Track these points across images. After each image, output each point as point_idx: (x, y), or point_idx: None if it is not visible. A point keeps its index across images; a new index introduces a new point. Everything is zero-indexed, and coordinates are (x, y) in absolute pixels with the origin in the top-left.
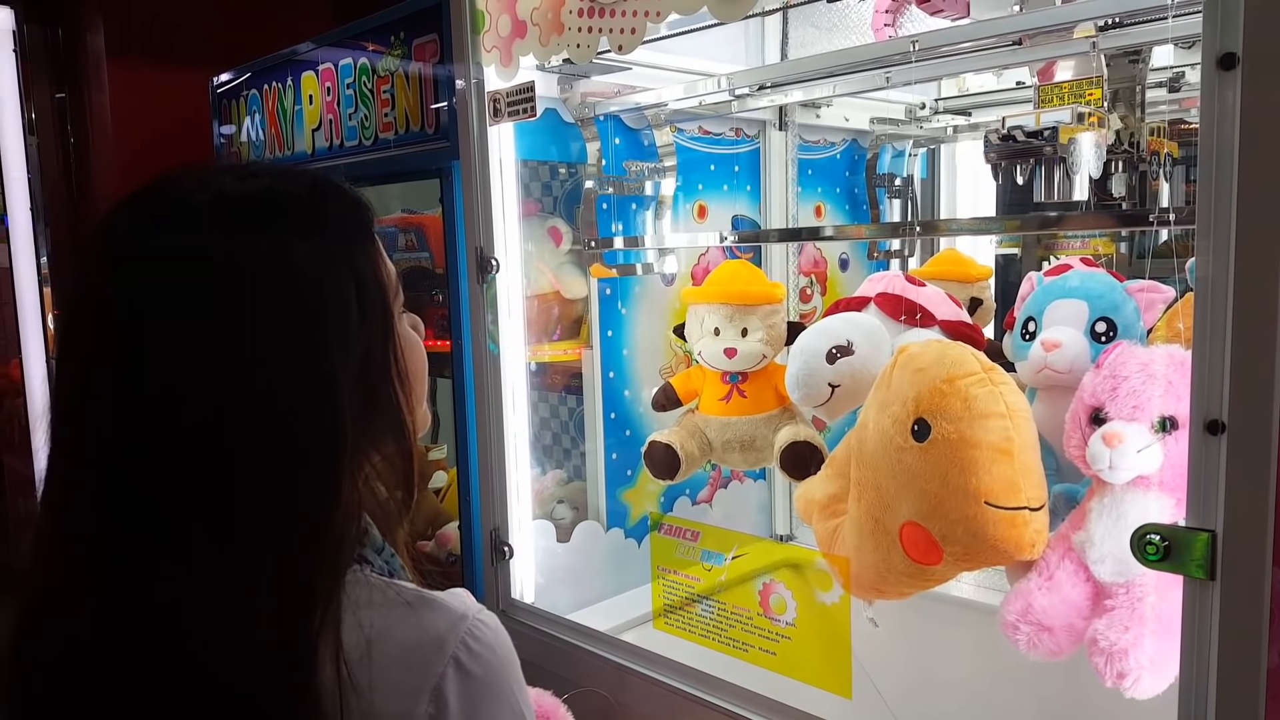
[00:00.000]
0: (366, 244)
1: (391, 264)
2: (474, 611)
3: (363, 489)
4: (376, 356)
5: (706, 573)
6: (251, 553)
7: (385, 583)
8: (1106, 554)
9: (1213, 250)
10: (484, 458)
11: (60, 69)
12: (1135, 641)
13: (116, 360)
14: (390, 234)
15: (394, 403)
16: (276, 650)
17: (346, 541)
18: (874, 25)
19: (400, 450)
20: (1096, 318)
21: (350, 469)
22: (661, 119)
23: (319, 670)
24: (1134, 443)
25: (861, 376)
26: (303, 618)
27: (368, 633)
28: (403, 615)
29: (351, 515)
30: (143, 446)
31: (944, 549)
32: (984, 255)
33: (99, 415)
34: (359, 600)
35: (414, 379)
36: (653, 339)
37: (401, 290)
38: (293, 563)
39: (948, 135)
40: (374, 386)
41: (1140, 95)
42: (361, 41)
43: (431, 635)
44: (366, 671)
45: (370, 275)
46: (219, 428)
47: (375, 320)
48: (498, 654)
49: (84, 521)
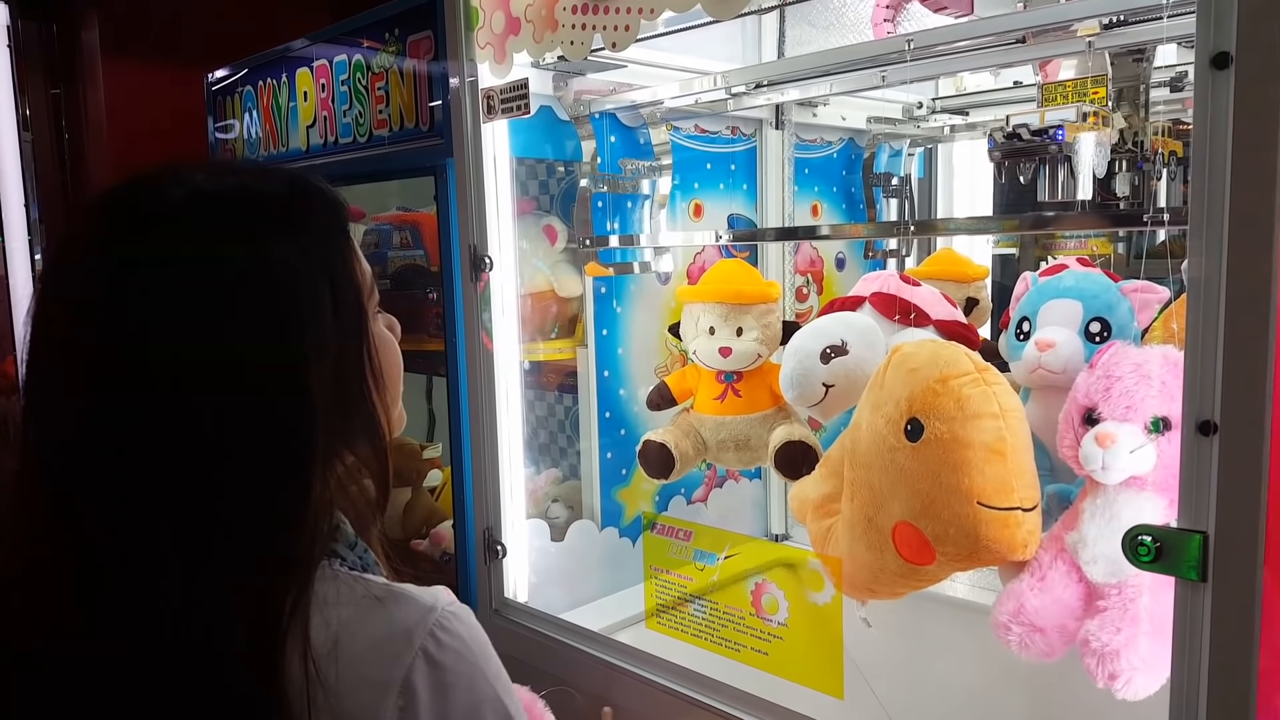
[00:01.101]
0: (342, 244)
1: (367, 264)
2: (443, 604)
3: (335, 487)
4: (351, 356)
5: (699, 572)
6: (220, 549)
7: (354, 578)
8: (1099, 555)
9: (1205, 250)
10: (477, 457)
11: (55, 65)
12: (1127, 642)
13: (90, 359)
14: (385, 231)
15: (368, 402)
16: (244, 647)
17: (317, 539)
18: (873, 21)
19: (374, 450)
20: (1091, 318)
21: (323, 468)
22: (657, 117)
23: (286, 667)
24: (1127, 443)
25: (856, 376)
26: (271, 614)
27: (335, 629)
28: (370, 609)
29: (323, 513)
30: (114, 443)
31: (936, 549)
32: (981, 255)
33: (69, 412)
34: (327, 597)
35: (388, 379)
36: (648, 338)
37: (376, 290)
38: (262, 559)
39: (945, 135)
40: (348, 386)
41: (1144, 94)
42: (357, 38)
43: (400, 628)
44: (334, 667)
45: (345, 275)
46: (190, 425)
47: (350, 320)
48: (469, 645)
49: (51, 518)
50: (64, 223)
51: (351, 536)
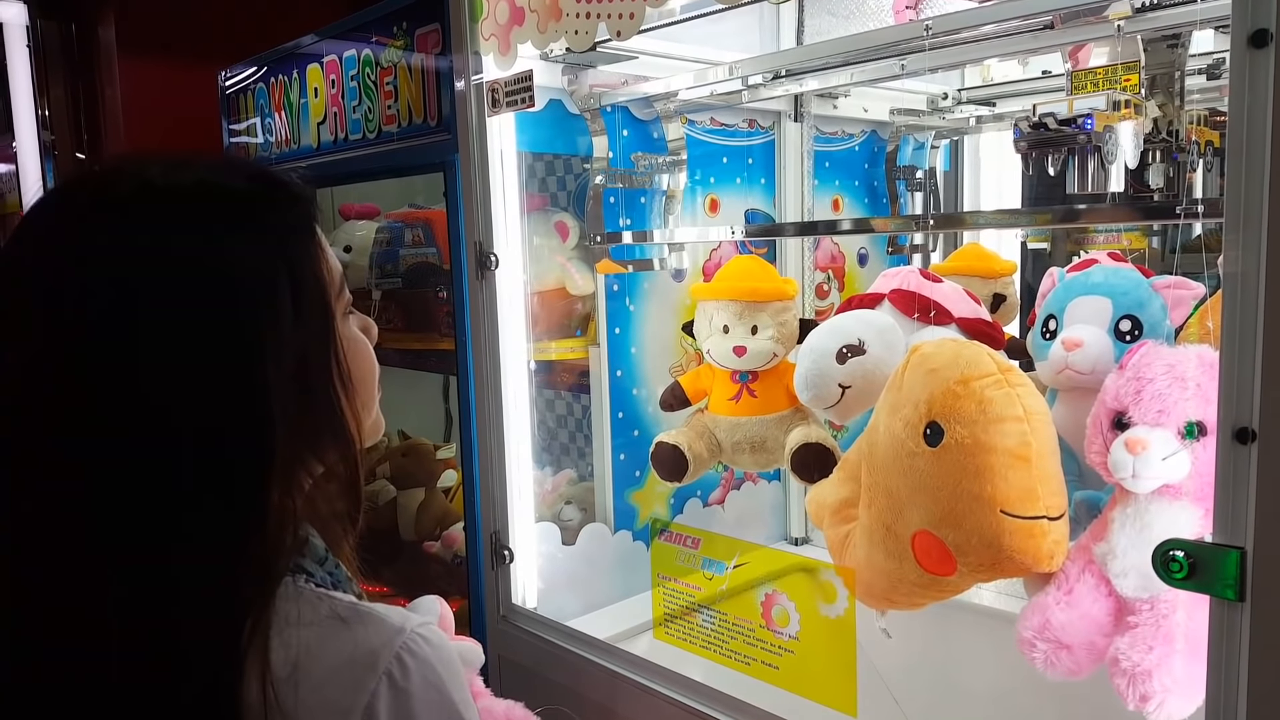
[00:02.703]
0: (306, 240)
1: (337, 262)
2: (413, 625)
3: (301, 498)
4: (314, 358)
5: (707, 581)
6: (172, 564)
7: (319, 596)
8: (1129, 567)
9: (1242, 244)
10: (484, 460)
11: (74, 64)
12: (1160, 662)
13: (34, 358)
14: (397, 229)
15: (335, 407)
16: (199, 669)
17: (279, 553)
18: (895, 8)
19: (344, 457)
20: (1120, 315)
21: (283, 475)
22: (671, 110)
23: (244, 691)
24: (1159, 450)
25: (874, 377)
26: (228, 634)
27: (295, 651)
28: (334, 631)
29: (285, 525)
30: (54, 448)
31: (958, 559)
32: (1010, 250)
33: (12, 412)
34: (288, 617)
35: (359, 383)
36: (662, 337)
37: (346, 290)
38: (218, 575)
39: (971, 126)
40: (312, 389)
41: (1179, 81)
42: (365, 32)
43: (364, 651)
44: (293, 693)
45: (308, 273)
46: (135, 429)
47: (314, 320)
48: (436, 670)
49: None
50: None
51: (321, 551)
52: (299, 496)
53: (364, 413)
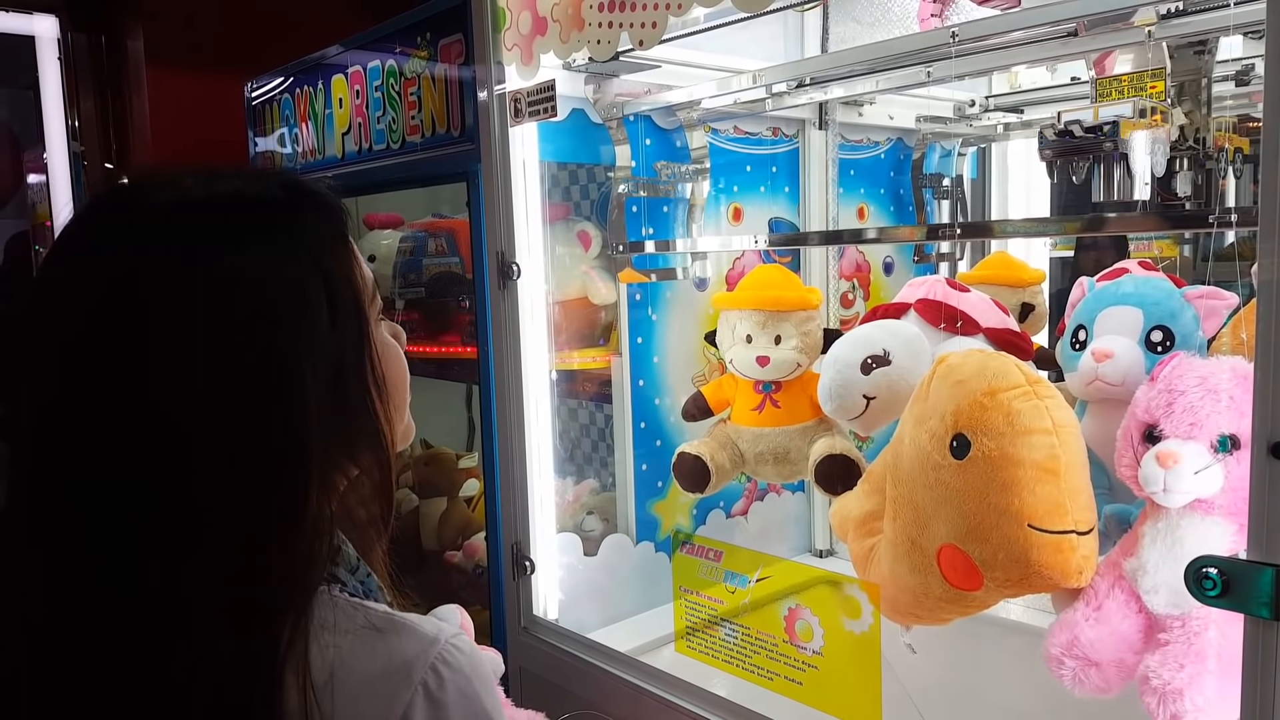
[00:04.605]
0: (339, 248)
1: (368, 269)
2: (447, 635)
3: (336, 504)
4: (350, 364)
5: (730, 595)
6: (212, 570)
7: (353, 604)
8: (1160, 583)
9: (1277, 252)
10: (506, 469)
11: (102, 76)
12: (1191, 681)
13: (71, 366)
14: (421, 238)
15: (370, 412)
16: (239, 675)
17: (316, 558)
18: (920, 16)
19: (378, 462)
20: (1152, 326)
21: (321, 481)
22: (694, 119)
23: (284, 697)
24: (1191, 463)
25: (899, 388)
26: (268, 640)
27: (331, 659)
28: (369, 640)
29: (322, 530)
30: (97, 457)
31: (984, 574)
32: (1038, 259)
33: (50, 424)
34: (324, 623)
35: (392, 388)
36: (685, 346)
37: (379, 296)
38: (257, 580)
39: (998, 134)
40: (348, 395)
41: (1207, 89)
42: (389, 43)
43: (399, 662)
44: (329, 700)
45: (342, 280)
46: (174, 438)
47: (348, 326)
48: (471, 681)
49: (36, 535)
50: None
51: (353, 560)
52: (335, 500)
53: (397, 417)
